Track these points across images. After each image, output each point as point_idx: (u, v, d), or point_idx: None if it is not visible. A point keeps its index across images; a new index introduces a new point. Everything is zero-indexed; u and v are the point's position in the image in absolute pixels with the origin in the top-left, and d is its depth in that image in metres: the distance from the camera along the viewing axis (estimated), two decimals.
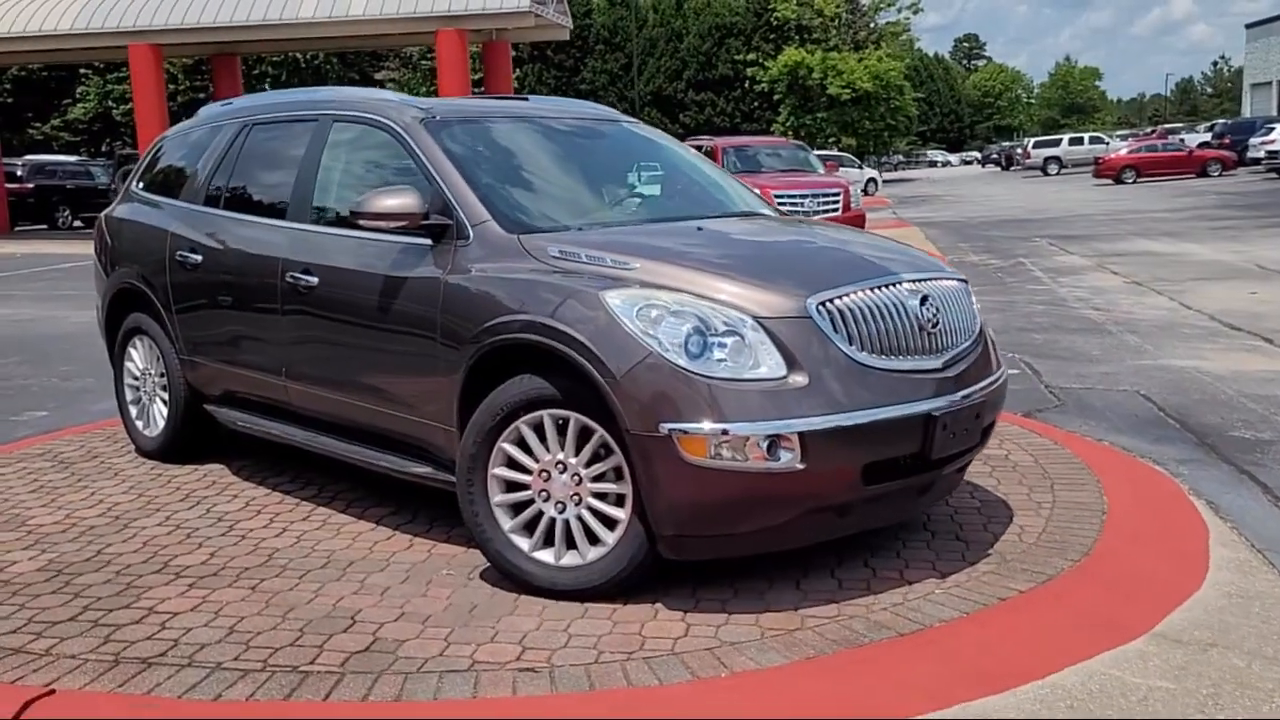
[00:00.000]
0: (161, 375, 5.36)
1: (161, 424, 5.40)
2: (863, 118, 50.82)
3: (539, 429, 3.55)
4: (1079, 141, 51.90)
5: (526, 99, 5.15)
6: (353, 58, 50.49)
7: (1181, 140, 43.74)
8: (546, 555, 3.57)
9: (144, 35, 22.78)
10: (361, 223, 3.91)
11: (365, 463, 4.23)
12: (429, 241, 3.93)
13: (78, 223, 28.66)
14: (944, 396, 3.52)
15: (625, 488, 3.42)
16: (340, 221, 4.37)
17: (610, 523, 3.48)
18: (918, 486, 3.63)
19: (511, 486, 3.63)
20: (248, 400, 4.92)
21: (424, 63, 53.22)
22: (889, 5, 56.39)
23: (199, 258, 4.94)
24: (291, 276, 4.38)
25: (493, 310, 3.61)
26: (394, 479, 4.20)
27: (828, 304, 3.41)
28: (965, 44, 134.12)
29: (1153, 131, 57.11)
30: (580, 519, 3.52)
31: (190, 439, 5.36)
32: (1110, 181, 37.21)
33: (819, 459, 3.24)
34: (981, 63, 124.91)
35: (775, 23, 56.09)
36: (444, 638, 3.28)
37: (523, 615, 3.43)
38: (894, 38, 56.33)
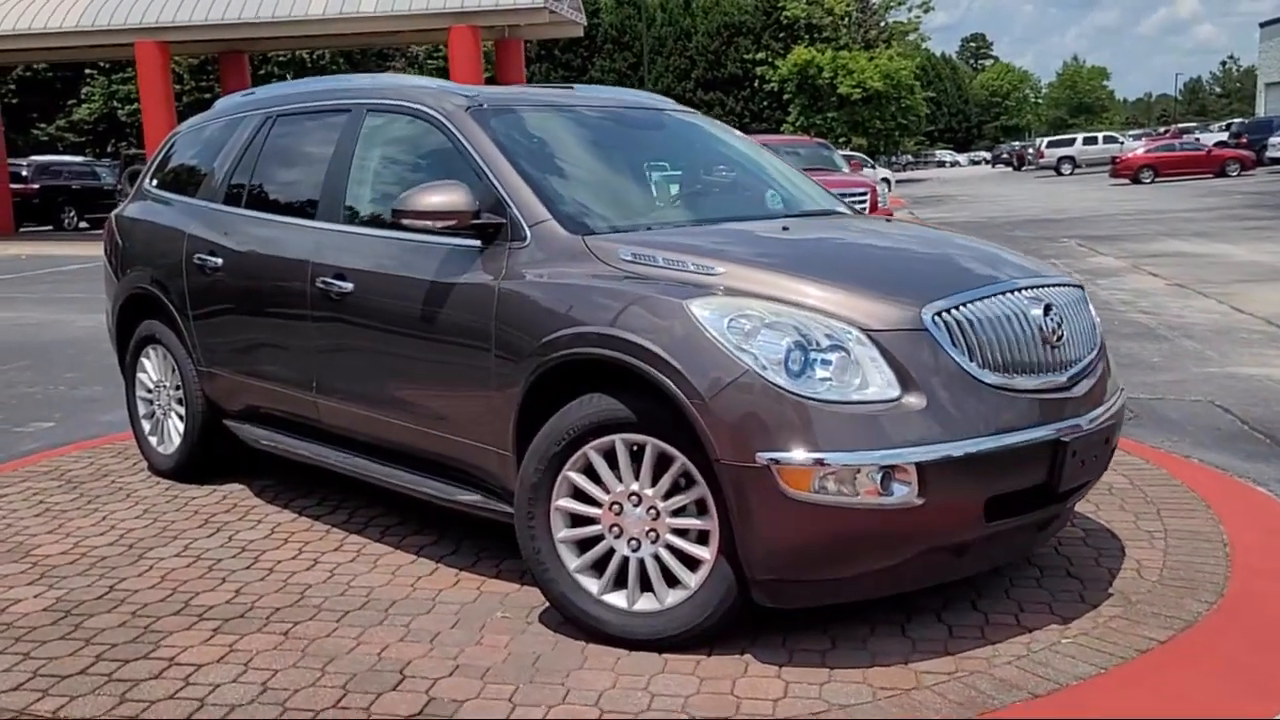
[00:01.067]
0: (177, 388, 4.96)
1: (177, 441, 4.99)
2: (873, 117, 50.40)
3: (610, 456, 3.13)
4: (1093, 141, 51.38)
5: (571, 88, 4.74)
6: (358, 57, 50.18)
7: (1197, 139, 43.24)
8: (618, 599, 3.16)
9: (151, 33, 22.39)
10: (405, 222, 3.50)
11: (405, 489, 3.81)
12: (478, 243, 3.52)
13: (83, 224, 28.29)
14: (1072, 419, 3.09)
15: (710, 524, 3.00)
16: (377, 222, 3.97)
17: (692, 563, 3.07)
18: (1040, 522, 3.21)
19: (578, 520, 3.22)
20: (272, 416, 4.51)
21: (430, 62, 52.84)
22: (900, 4, 55.97)
23: (219, 261, 4.53)
24: (323, 282, 3.97)
25: (557, 321, 3.19)
26: (434, 506, 3.79)
27: (944, 314, 2.99)
28: (972, 44, 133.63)
29: (1166, 131, 56.59)
30: (657, 558, 3.11)
31: (208, 457, 4.95)
32: (1128, 181, 36.72)
33: (939, 493, 2.82)
34: (988, 62, 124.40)
35: (785, 21, 55.65)
36: (508, 697, 2.87)
37: (594, 669, 3.02)
38: (902, 36, 55.86)
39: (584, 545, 3.22)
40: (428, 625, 3.35)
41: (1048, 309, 3.18)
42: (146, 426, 5.19)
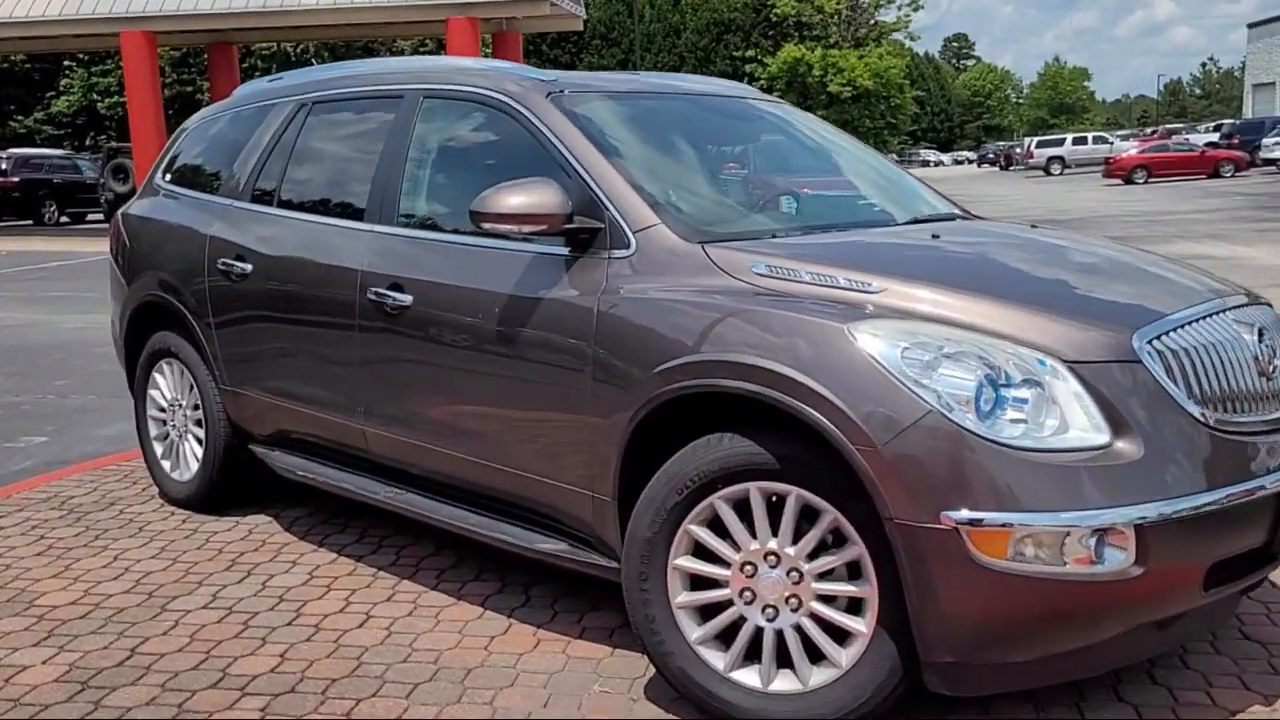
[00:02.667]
0: (196, 408, 4.42)
1: (195, 467, 4.45)
2: (863, 115, 50.12)
3: (741, 507, 2.63)
4: (1083, 141, 51.09)
5: (638, 75, 4.23)
6: (343, 51, 49.32)
7: (1187, 140, 43.05)
8: (749, 677, 2.65)
9: (137, 22, 21.66)
10: (485, 226, 2.98)
11: (472, 533, 3.30)
12: (565, 251, 3.01)
13: (65, 219, 27.52)
14: None
15: (866, 590, 2.51)
16: (441, 226, 3.46)
17: (842, 636, 2.57)
18: (1247, 588, 2.73)
19: (701, 583, 2.71)
20: (308, 443, 3.98)
21: (416, 55, 52.05)
22: (889, 2, 55.73)
23: (248, 267, 4.00)
24: (375, 293, 3.45)
25: (676, 346, 2.69)
26: (494, 547, 3.28)
27: (1158, 341, 2.50)
28: (954, 43, 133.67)
29: (1154, 132, 56.44)
30: (799, 629, 2.61)
31: (230, 486, 4.42)
32: (1120, 182, 36.41)
33: (1160, 560, 2.33)
34: (970, 62, 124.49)
35: (774, 19, 55.23)
36: None
37: None
38: (892, 34, 55.63)
39: (708, 612, 2.71)
40: (515, 702, 2.84)
41: (1261, 333, 2.71)
42: (159, 450, 4.65)
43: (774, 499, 2.59)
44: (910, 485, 2.33)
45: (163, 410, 4.61)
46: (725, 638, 2.69)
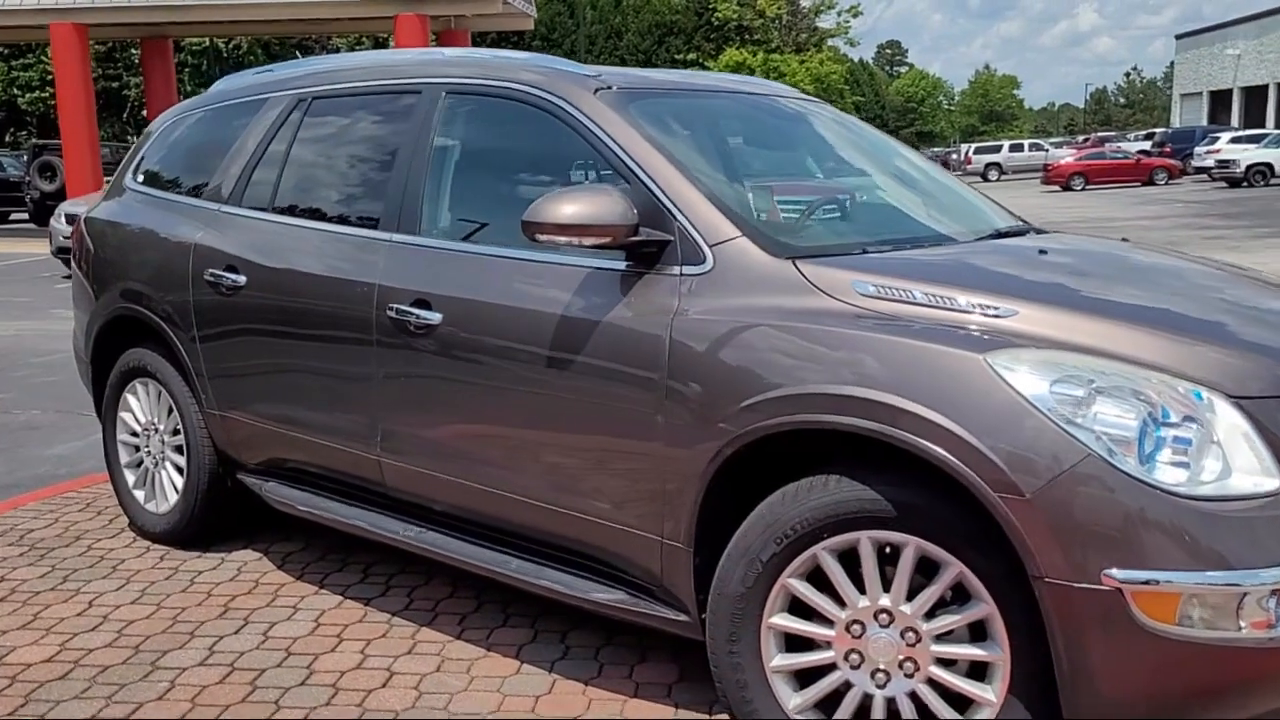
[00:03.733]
0: (175, 433, 4.00)
1: (174, 498, 4.03)
2: None
3: (847, 559, 2.33)
4: (1019, 149, 51.86)
5: (668, 72, 3.92)
6: (277, 48, 48.12)
7: (1119, 149, 43.85)
8: None
9: (68, 14, 20.71)
10: (540, 238, 2.64)
11: (514, 580, 2.95)
12: (623, 265, 2.69)
13: None
14: None
15: (995, 654, 2.22)
16: (472, 235, 3.12)
17: (964, 704, 2.28)
18: None
19: (799, 644, 2.40)
20: (309, 474, 3.60)
21: None
22: (829, 8, 56.12)
23: (241, 279, 3.60)
24: (395, 310, 3.09)
25: (772, 377, 2.37)
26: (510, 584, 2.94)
27: None
28: (888, 50, 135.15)
29: (1088, 140, 57.42)
30: (914, 697, 2.31)
31: (214, 519, 4.01)
32: (1059, 188, 36.94)
33: None
34: (904, 69, 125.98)
35: (716, 23, 55.29)
36: None
37: None
38: (830, 38, 55.99)
39: (807, 677, 2.41)
40: None
41: None
42: (130, 478, 4.21)
43: (886, 550, 2.29)
44: (1066, 540, 2.04)
45: (135, 435, 4.18)
46: (827, 706, 2.39)
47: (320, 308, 3.36)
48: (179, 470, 4.02)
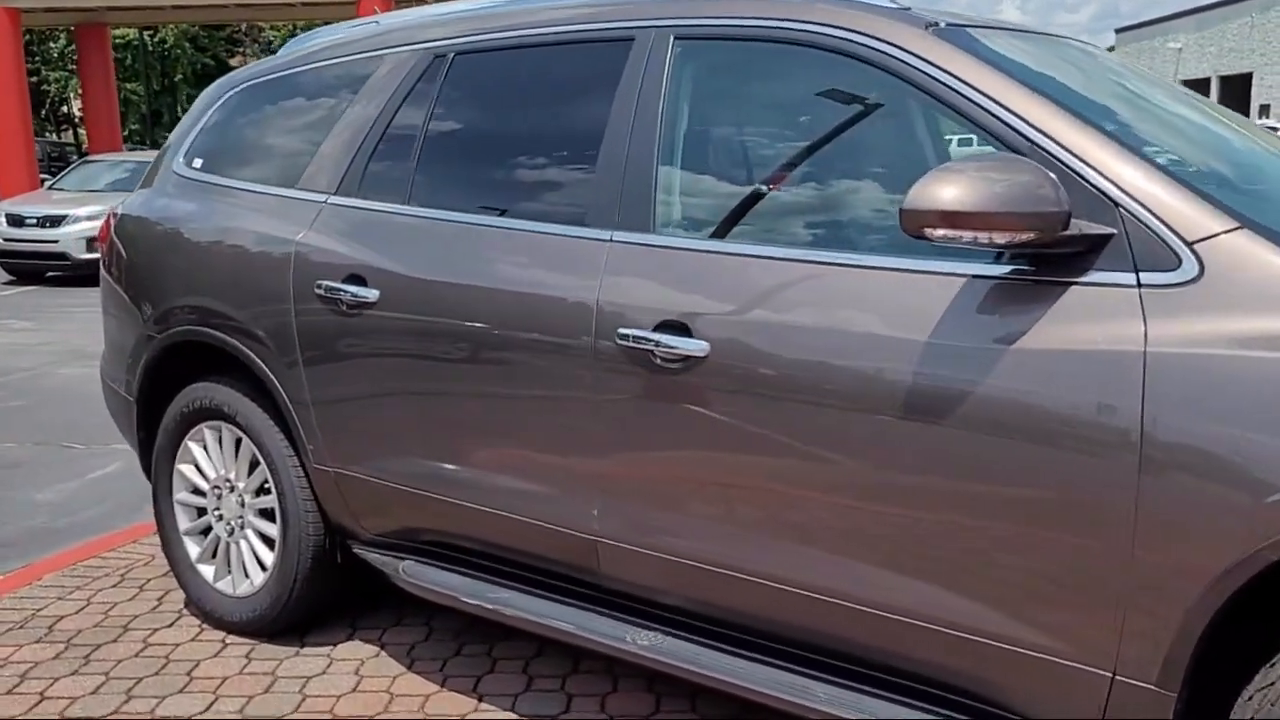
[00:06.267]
0: (263, 492, 3.07)
1: (260, 577, 3.10)
2: None
3: None
4: (968, 143, 51.89)
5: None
6: (205, 41, 46.12)
7: None
8: None
9: None
10: (934, 236, 1.79)
11: (821, 714, 2.09)
12: (1026, 271, 1.85)
13: None
14: None
15: None
16: (755, 235, 2.25)
17: None
18: None
19: None
20: (474, 553, 2.70)
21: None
22: None
23: (371, 294, 2.68)
24: (631, 338, 2.22)
25: None
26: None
27: None
28: None
29: None
30: None
31: (314, 604, 3.09)
32: None
33: None
34: None
35: None
36: None
37: None
38: None
39: None
40: None
41: None
42: (192, 550, 3.27)
43: None
44: None
45: (201, 494, 3.23)
46: None
47: (499, 334, 2.47)
48: (265, 540, 3.09)
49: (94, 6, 20.83)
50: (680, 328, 2.18)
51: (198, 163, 3.36)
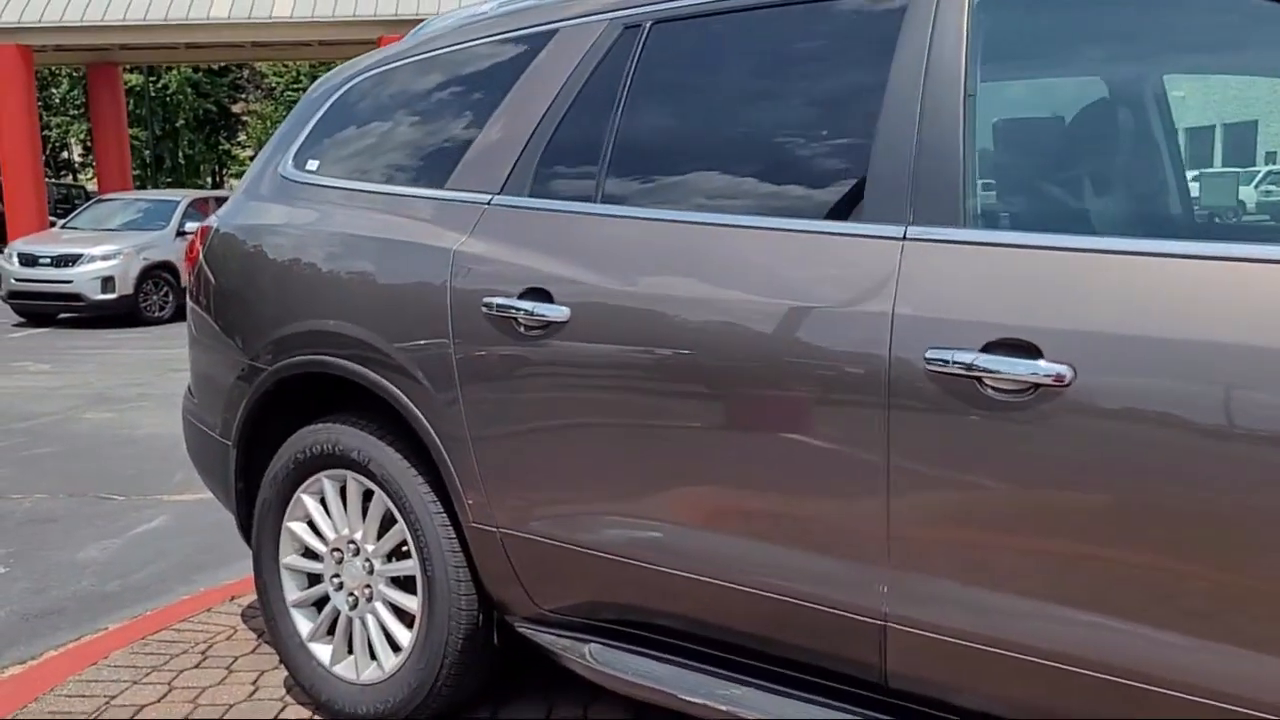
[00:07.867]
0: (398, 555, 2.53)
1: (392, 661, 2.54)
2: None
3: None
4: None
5: None
6: (208, 86, 45.99)
7: None
8: None
9: (13, 35, 18.76)
10: None
11: None
12: None
13: None
14: None
15: None
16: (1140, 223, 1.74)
17: None
18: None
19: None
20: (676, 633, 2.16)
21: (288, 94, 49.02)
22: None
23: (560, 312, 2.16)
24: (949, 361, 1.69)
25: None
26: None
27: None
28: None
29: None
30: None
31: (462, 694, 2.53)
32: None
33: None
34: None
35: None
36: None
37: None
38: None
39: None
40: None
41: None
42: (303, 626, 2.71)
43: None
44: None
45: (316, 557, 2.68)
46: None
47: (748, 361, 1.94)
48: (398, 615, 2.54)
49: (106, 45, 20.41)
50: (1033, 349, 1.65)
51: (312, 164, 2.85)
